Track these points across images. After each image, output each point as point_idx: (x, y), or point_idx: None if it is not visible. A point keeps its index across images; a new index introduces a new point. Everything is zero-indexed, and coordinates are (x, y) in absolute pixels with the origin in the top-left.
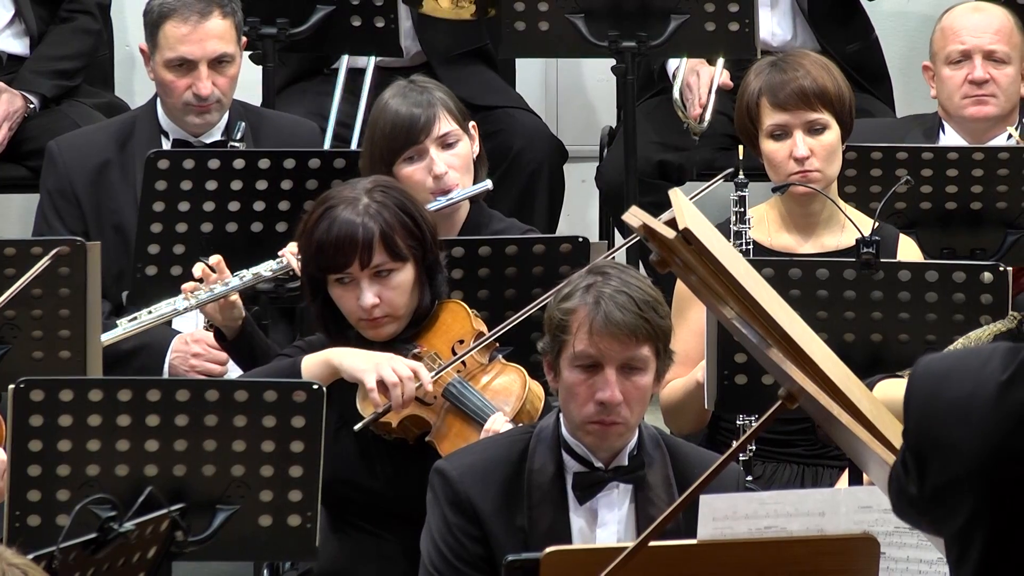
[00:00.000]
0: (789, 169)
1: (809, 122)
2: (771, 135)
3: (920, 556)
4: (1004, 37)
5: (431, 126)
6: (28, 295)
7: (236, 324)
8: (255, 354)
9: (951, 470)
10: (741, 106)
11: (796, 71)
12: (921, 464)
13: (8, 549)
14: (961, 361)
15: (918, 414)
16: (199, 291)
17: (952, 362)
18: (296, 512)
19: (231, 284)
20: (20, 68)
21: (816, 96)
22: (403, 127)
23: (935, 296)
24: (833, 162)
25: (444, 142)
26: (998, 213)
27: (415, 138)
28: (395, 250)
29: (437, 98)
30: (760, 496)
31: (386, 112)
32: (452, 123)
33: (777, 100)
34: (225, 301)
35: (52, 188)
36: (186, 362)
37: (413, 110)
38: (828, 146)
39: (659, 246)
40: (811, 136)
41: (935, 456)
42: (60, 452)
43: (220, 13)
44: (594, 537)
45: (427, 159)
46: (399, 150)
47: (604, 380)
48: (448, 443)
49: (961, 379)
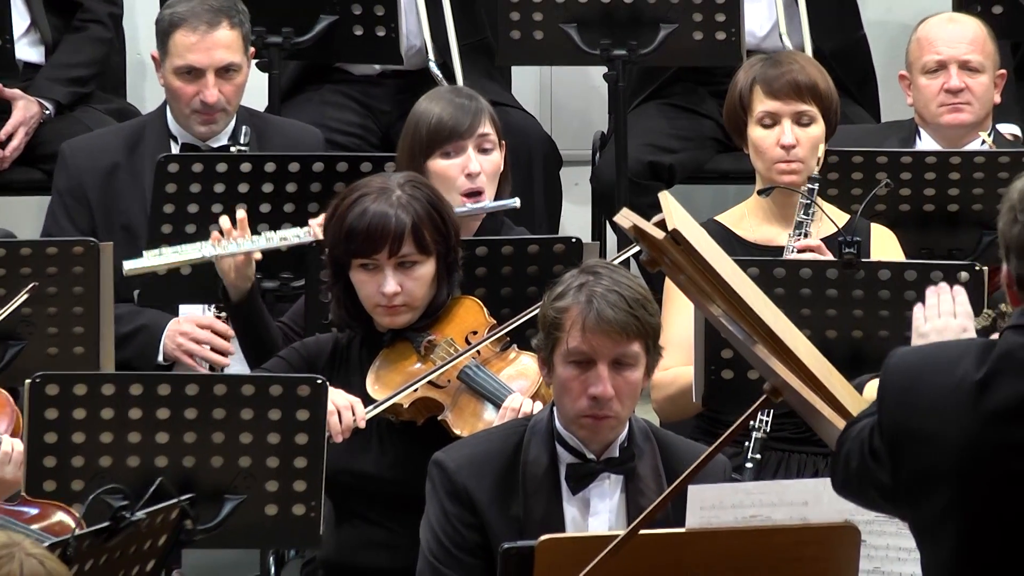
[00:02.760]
0: (775, 156)
1: (798, 113)
2: (760, 122)
3: (899, 544)
4: (978, 47)
5: (476, 125)
6: (44, 293)
7: (246, 286)
8: (256, 325)
9: (925, 461)
10: (733, 95)
11: (791, 65)
12: (895, 454)
13: (26, 539)
14: (935, 356)
15: (893, 406)
16: (226, 242)
17: (926, 357)
18: (300, 502)
19: (257, 242)
20: (36, 75)
21: (807, 89)
22: (449, 121)
23: (914, 294)
24: (814, 155)
25: (482, 145)
26: (974, 215)
27: (460, 133)
28: (422, 243)
29: (483, 104)
30: (745, 486)
31: (431, 110)
32: (492, 129)
33: (771, 89)
34: (245, 258)
35: (63, 188)
36: (181, 347)
37: (460, 110)
38: (813, 139)
39: (649, 246)
40: (798, 127)
41: (910, 448)
42: (74, 444)
43: (228, 24)
44: (586, 526)
45: (464, 156)
46: (442, 142)
47: (596, 375)
48: (463, 422)
49: (936, 374)
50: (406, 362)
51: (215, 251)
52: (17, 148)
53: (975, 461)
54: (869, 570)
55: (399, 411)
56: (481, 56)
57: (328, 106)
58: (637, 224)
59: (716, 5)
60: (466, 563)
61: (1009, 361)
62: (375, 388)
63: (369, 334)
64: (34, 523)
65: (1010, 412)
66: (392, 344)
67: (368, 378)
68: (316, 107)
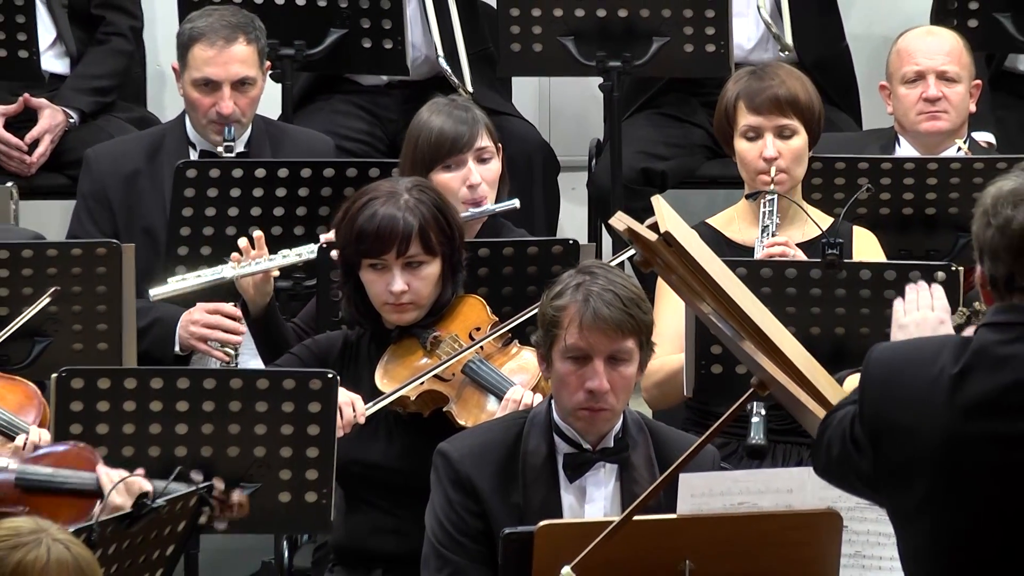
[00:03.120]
0: (759, 167)
1: (779, 127)
2: (744, 136)
3: (879, 529)
4: (955, 58)
5: (475, 139)
6: (69, 292)
7: (264, 301)
8: (273, 334)
9: (904, 452)
10: (720, 108)
11: (772, 79)
12: (876, 444)
13: (53, 524)
14: (915, 351)
15: (874, 398)
16: (244, 262)
17: (907, 351)
18: (312, 489)
19: (275, 261)
20: (61, 86)
21: (788, 103)
22: (449, 137)
23: (893, 293)
24: (799, 165)
25: (480, 156)
26: (950, 218)
27: (460, 148)
28: (429, 244)
29: (479, 116)
30: (733, 475)
31: (431, 123)
32: (489, 140)
33: (752, 104)
34: (264, 276)
35: (87, 192)
36: (194, 335)
37: (459, 124)
38: (795, 150)
39: (642, 248)
40: (780, 140)
41: (890, 438)
42: (98, 435)
43: (245, 39)
44: (583, 512)
45: (464, 169)
46: (443, 158)
47: (593, 370)
48: (467, 413)
49: (915, 368)
50: (413, 357)
51: (235, 272)
52: (43, 154)
53: (951, 453)
54: (851, 554)
55: (406, 403)
56: (483, 66)
57: (338, 115)
58: (631, 227)
59: (706, 19)
60: (469, 548)
61: (983, 356)
62: (383, 381)
63: (378, 330)
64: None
65: (984, 405)
66: (399, 340)
67: (377, 372)
68: (326, 116)
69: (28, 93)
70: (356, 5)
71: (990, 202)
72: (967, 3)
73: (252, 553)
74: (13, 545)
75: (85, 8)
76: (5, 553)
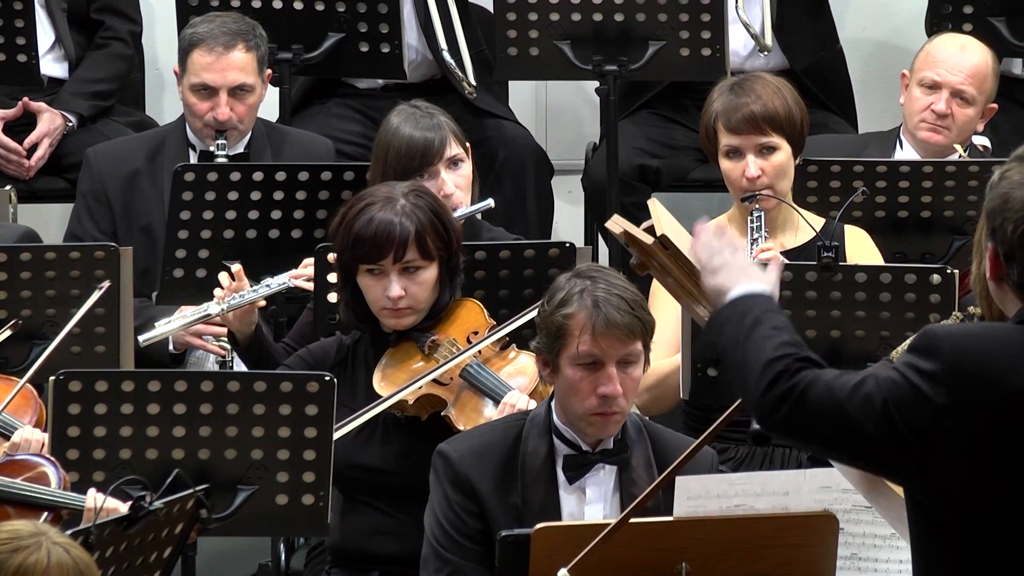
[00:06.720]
0: (742, 186)
1: (759, 145)
2: (726, 155)
3: (875, 532)
4: (977, 81)
5: (443, 149)
6: (67, 295)
7: (250, 330)
8: (264, 359)
9: (982, 403)
10: (703, 125)
11: (748, 96)
12: (956, 401)
13: (52, 528)
14: (983, 333)
15: (954, 354)
16: (228, 296)
17: (975, 336)
18: (310, 492)
19: (259, 291)
20: (60, 90)
21: (766, 121)
22: (418, 149)
23: (888, 296)
24: (784, 179)
25: (451, 163)
26: (946, 221)
27: (430, 160)
28: (426, 249)
29: (444, 122)
30: (730, 477)
31: (399, 135)
32: (457, 146)
33: (730, 124)
34: (248, 307)
35: (87, 191)
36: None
37: (426, 134)
38: (777, 166)
39: (639, 251)
40: (761, 157)
41: (973, 385)
42: (96, 437)
43: (244, 47)
44: (582, 513)
45: (437, 179)
46: (414, 170)
47: (606, 376)
48: (465, 417)
49: (991, 335)
50: (411, 361)
51: (220, 307)
52: (42, 158)
53: None
54: (847, 556)
55: (404, 407)
56: (478, 68)
57: (335, 118)
58: (628, 230)
59: (702, 23)
60: (467, 548)
61: None
62: (381, 385)
63: (376, 334)
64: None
65: None
66: (398, 344)
67: (375, 376)
68: (324, 119)
69: (27, 97)
70: (354, 9)
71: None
72: (962, 7)
73: (249, 555)
74: (13, 548)
75: (84, 12)
76: (5, 556)
